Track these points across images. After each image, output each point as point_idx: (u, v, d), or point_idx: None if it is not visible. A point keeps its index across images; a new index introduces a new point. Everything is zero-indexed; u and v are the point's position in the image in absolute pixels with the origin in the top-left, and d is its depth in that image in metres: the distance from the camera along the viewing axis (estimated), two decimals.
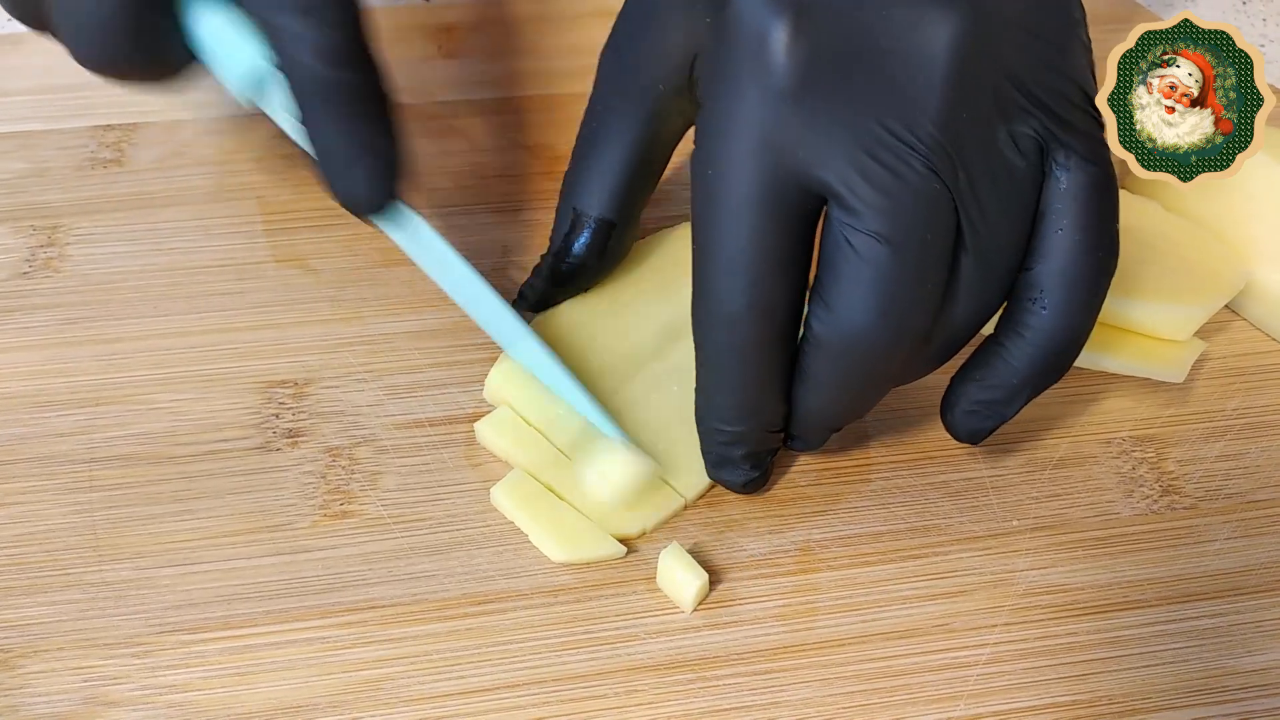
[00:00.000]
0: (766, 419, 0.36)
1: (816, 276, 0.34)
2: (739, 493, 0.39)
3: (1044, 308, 0.34)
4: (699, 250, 0.34)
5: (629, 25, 0.39)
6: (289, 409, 0.40)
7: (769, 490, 0.39)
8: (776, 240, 0.33)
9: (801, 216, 0.33)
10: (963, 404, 0.37)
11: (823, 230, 0.34)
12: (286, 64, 0.36)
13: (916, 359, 0.35)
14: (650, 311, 0.42)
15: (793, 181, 0.33)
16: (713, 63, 0.34)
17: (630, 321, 0.42)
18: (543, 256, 0.42)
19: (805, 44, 0.32)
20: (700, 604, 0.36)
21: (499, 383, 0.40)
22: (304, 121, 0.37)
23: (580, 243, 0.41)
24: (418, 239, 0.39)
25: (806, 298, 0.35)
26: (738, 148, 0.33)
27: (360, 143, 0.37)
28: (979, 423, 0.37)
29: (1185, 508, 0.39)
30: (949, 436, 0.38)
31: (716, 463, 0.38)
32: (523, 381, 0.40)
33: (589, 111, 0.41)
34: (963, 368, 0.37)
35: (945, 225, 0.33)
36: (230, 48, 0.37)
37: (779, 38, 0.32)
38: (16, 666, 0.34)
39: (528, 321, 0.41)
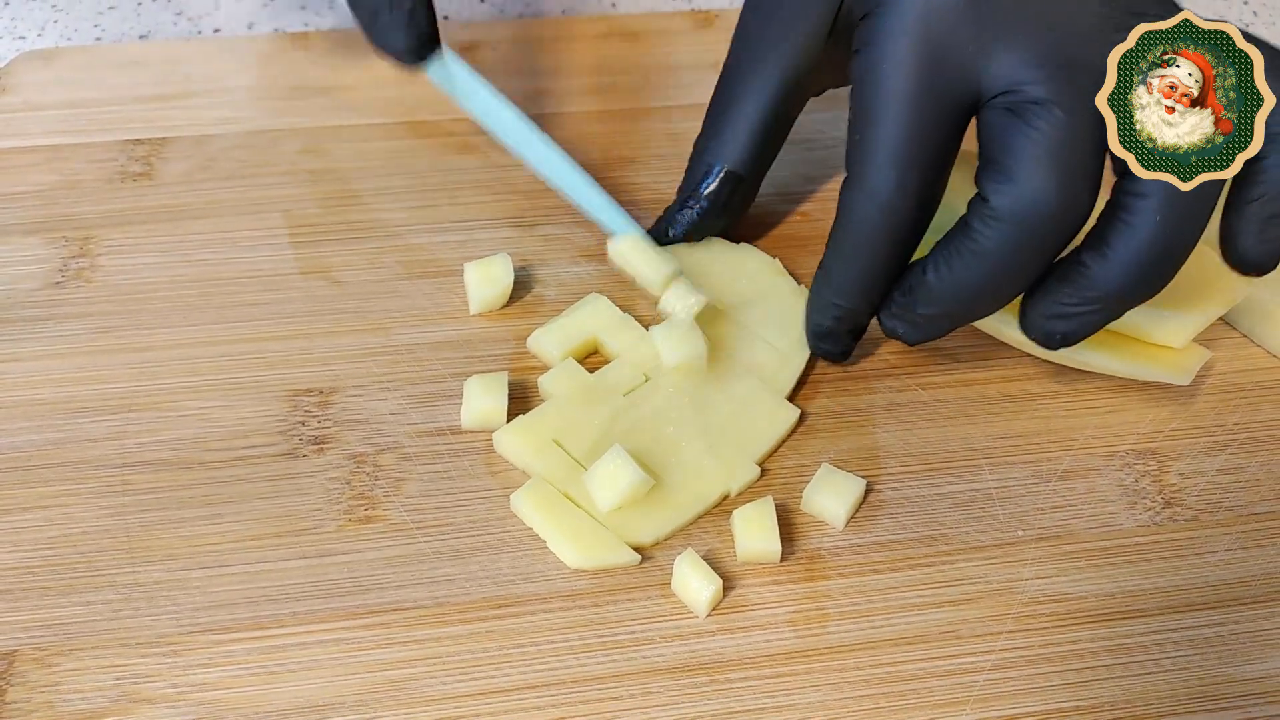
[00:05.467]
0: (879, 297, 0.40)
1: (984, 160, 0.36)
2: (834, 362, 0.43)
3: None
4: (859, 143, 0.38)
5: None
6: (315, 417, 0.41)
7: (781, 499, 0.40)
8: (933, 130, 0.36)
9: (957, 111, 0.37)
10: None
11: (986, 118, 0.36)
12: None
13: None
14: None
15: (957, 76, 0.36)
16: None
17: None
18: (666, 209, 0.46)
19: None
20: (714, 609, 0.37)
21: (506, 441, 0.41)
22: None
23: (709, 192, 0.45)
24: (456, 82, 0.46)
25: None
26: (905, 47, 0.36)
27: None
28: None
29: (1186, 520, 0.40)
30: (955, 448, 0.38)
31: (822, 335, 0.42)
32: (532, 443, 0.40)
33: (725, 70, 0.44)
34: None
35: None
36: None
37: None
38: (52, 664, 0.35)
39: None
